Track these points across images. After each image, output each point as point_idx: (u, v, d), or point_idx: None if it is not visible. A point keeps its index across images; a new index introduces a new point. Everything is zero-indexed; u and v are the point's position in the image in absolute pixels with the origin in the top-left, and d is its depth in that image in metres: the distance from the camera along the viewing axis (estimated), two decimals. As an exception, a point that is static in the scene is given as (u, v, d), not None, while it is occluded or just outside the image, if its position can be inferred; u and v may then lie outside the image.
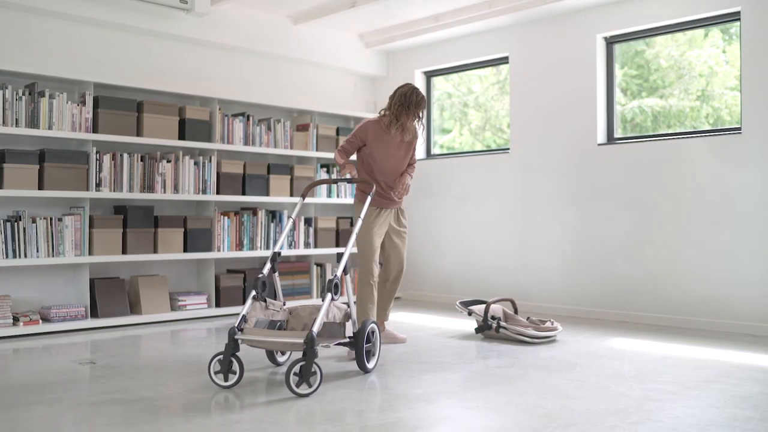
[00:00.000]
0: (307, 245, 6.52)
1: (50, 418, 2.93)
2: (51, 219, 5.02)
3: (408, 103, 4.37)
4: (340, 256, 3.67)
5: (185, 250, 5.72)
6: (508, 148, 6.57)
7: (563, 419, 2.92)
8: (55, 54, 5.38)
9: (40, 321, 4.97)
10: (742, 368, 3.90)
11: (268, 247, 6.22)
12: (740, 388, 3.44)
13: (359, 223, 4.07)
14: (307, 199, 6.43)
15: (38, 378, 3.64)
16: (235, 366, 3.41)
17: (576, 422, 2.87)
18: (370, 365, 3.77)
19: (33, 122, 4.97)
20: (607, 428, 2.79)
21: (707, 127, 5.52)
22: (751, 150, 5.08)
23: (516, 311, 5.10)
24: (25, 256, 4.89)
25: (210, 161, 5.86)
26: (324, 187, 6.67)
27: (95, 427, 2.82)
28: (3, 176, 4.85)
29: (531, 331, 4.65)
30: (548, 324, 4.86)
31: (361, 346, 3.69)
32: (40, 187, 5.01)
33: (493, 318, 4.80)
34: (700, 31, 5.60)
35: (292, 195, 6.38)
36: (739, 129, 5.18)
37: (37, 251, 4.95)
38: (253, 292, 3.61)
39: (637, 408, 3.09)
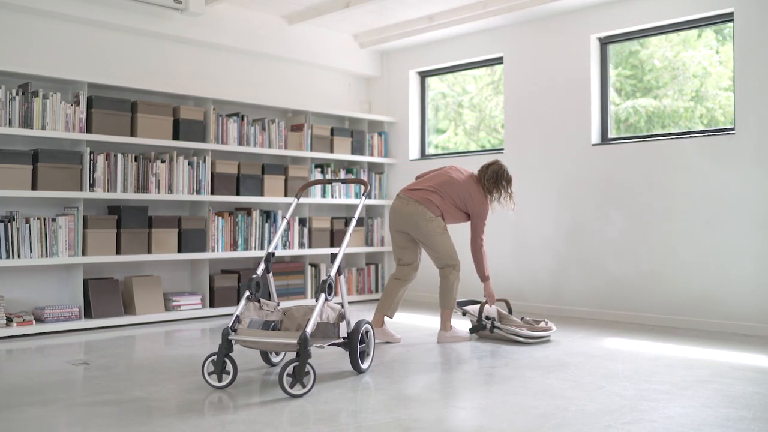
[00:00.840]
0: (301, 245, 6.52)
1: (44, 420, 2.92)
2: (44, 219, 5.00)
3: (498, 179, 4.90)
4: (334, 256, 3.67)
5: (179, 250, 5.71)
6: (502, 148, 6.58)
7: (557, 419, 2.92)
8: (48, 54, 5.36)
9: (34, 322, 4.96)
10: (735, 368, 3.91)
11: (262, 248, 6.21)
12: (733, 388, 3.45)
13: (444, 232, 4.73)
14: (302, 200, 6.42)
15: (32, 379, 3.63)
16: (229, 366, 3.41)
17: (570, 422, 2.88)
18: (364, 366, 3.77)
19: (26, 122, 4.96)
20: (601, 428, 2.80)
21: (701, 128, 5.54)
22: (745, 150, 5.09)
23: (510, 311, 5.10)
24: (19, 256, 4.88)
25: (204, 161, 5.85)
26: (318, 187, 6.67)
27: (89, 428, 2.81)
28: (-4, 176, 4.84)
29: (525, 331, 4.66)
30: (542, 324, 4.86)
31: (355, 347, 3.70)
32: (34, 188, 5.00)
33: (487, 318, 4.81)
34: (694, 32, 5.62)
35: (286, 195, 6.38)
36: (733, 129, 5.20)
37: (31, 252, 4.94)
38: (247, 293, 3.61)
39: (630, 408, 3.10)
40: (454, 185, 4.80)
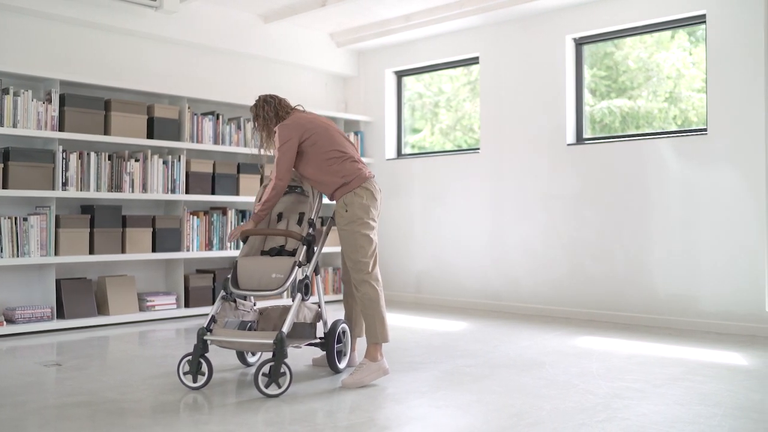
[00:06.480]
0: (277, 245, 6.48)
1: (15, 422, 2.88)
2: (16, 219, 4.93)
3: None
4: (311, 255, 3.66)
5: (154, 250, 5.66)
6: (478, 148, 6.60)
7: (532, 418, 2.94)
8: (20, 51, 5.29)
9: (5, 322, 4.89)
10: (707, 366, 3.96)
11: (237, 247, 6.17)
12: (705, 386, 3.50)
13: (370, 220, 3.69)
14: (278, 199, 6.39)
15: (2, 381, 3.57)
16: (204, 367, 3.39)
17: (544, 421, 2.89)
18: (341, 365, 3.77)
19: (-3, 120, 4.89)
20: (575, 426, 2.82)
21: (674, 128, 5.60)
22: (716, 150, 5.16)
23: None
24: (-11, 256, 4.81)
25: (179, 160, 5.80)
26: (295, 186, 6.64)
27: (61, 430, 2.78)
28: (-34, 175, 4.77)
29: None
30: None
31: (332, 347, 3.69)
32: (5, 187, 4.92)
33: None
34: (667, 34, 5.68)
35: (262, 194, 6.34)
36: (705, 130, 5.26)
37: (2, 251, 4.86)
38: (223, 293, 3.59)
39: (604, 406, 3.12)
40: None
